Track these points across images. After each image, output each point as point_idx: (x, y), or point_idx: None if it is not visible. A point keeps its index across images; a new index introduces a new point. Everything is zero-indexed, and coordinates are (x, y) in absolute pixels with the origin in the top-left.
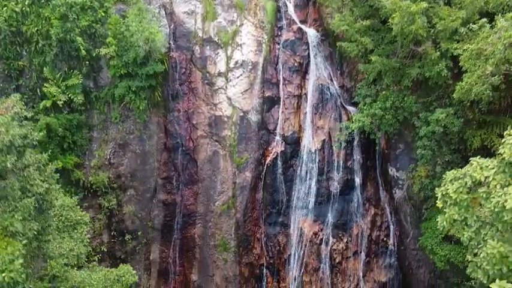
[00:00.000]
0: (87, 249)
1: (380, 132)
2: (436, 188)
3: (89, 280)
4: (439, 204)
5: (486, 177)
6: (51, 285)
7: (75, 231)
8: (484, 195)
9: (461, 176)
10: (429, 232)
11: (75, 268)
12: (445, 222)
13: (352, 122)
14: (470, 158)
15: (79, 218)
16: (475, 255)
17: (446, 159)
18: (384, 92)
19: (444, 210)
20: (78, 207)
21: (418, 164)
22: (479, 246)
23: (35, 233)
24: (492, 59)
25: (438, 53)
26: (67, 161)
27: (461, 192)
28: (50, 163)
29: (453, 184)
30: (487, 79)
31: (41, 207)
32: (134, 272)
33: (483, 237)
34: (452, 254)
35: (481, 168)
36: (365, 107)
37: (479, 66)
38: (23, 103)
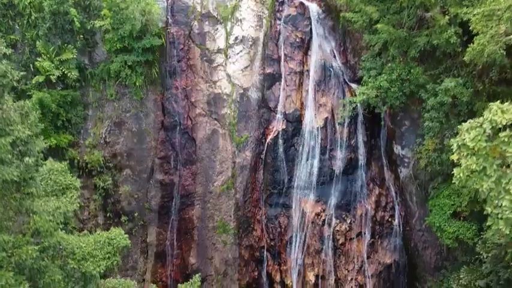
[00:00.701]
0: (75, 206)
1: (385, 106)
2: (451, 140)
3: (78, 242)
4: (454, 156)
5: (509, 120)
6: (34, 240)
7: (64, 195)
8: (506, 139)
9: (478, 124)
10: (437, 209)
11: (63, 231)
12: (461, 174)
13: (356, 96)
14: (490, 104)
15: (69, 182)
16: (495, 207)
17: (455, 131)
18: (389, 64)
19: (460, 162)
20: (70, 175)
21: (425, 138)
22: (500, 197)
23: (15, 179)
24: (507, 15)
25: (447, 18)
26: (61, 139)
27: (479, 140)
28: (35, 112)
29: (470, 133)
30: (500, 38)
31: (21, 154)
32: (126, 235)
33: (504, 187)
34: (461, 231)
35: (502, 111)
36: (370, 80)
37: (491, 26)
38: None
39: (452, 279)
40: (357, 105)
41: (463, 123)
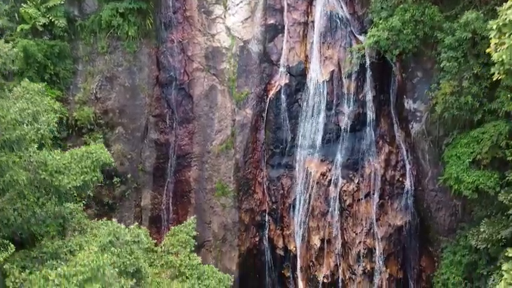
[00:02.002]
0: (52, 127)
1: (397, 49)
2: (489, 22)
3: (51, 155)
4: (494, 40)
5: None
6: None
7: (41, 116)
8: None
9: None
10: (454, 159)
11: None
12: (504, 56)
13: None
14: None
15: (46, 103)
16: None
17: (475, 72)
18: (401, 5)
19: (501, 44)
20: (49, 97)
21: (440, 83)
22: None
23: None
24: None
25: None
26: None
27: None
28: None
29: None
30: None
31: None
32: (108, 153)
33: None
34: (482, 180)
35: None
36: (380, 22)
37: None
38: None
39: (471, 235)
40: (365, 55)
41: (503, 4)
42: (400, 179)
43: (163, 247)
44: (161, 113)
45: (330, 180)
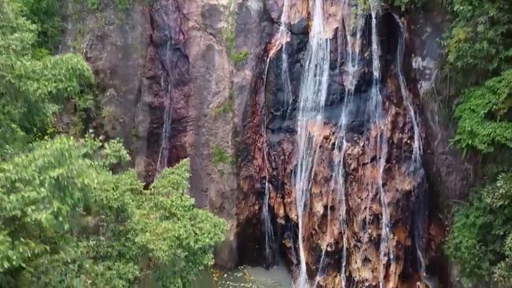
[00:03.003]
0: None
1: None
2: None
3: (21, 65)
4: None
5: None
6: None
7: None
8: None
9: None
10: (467, 113)
11: None
12: None
13: None
14: None
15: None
16: None
17: (491, 15)
18: None
19: None
20: None
21: (452, 31)
22: None
23: None
24: None
25: None
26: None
27: None
28: None
29: None
30: None
31: None
32: (85, 63)
33: None
34: (499, 131)
35: None
36: None
37: None
38: None
39: (486, 193)
40: (370, 9)
41: None
42: (408, 141)
43: (152, 189)
44: (155, 75)
45: (334, 143)
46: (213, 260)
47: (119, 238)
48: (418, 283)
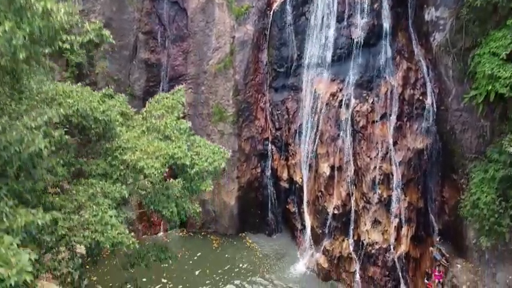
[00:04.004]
0: None
1: None
2: None
3: None
4: None
5: None
6: None
7: None
8: None
9: None
10: (487, 57)
11: None
12: None
13: None
14: None
15: None
16: None
17: None
18: None
19: None
20: None
21: None
22: None
23: None
24: None
25: None
26: None
27: None
28: None
29: None
30: None
31: None
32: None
33: None
34: None
35: None
36: None
37: None
38: None
39: (508, 142)
40: None
41: None
42: (420, 98)
43: (144, 113)
44: (152, 30)
45: (341, 101)
46: (214, 227)
47: (105, 157)
48: (431, 248)
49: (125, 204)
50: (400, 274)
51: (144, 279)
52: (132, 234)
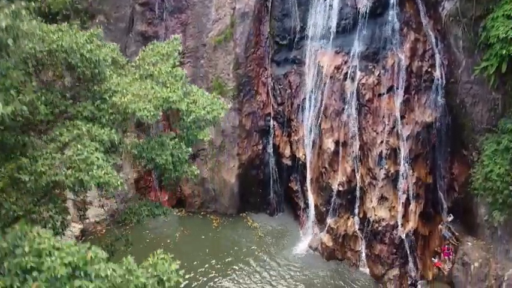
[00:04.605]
0: None
1: None
2: None
3: None
4: None
5: None
6: None
7: None
8: None
9: None
10: (500, 20)
11: None
12: None
13: None
14: None
15: None
16: None
17: None
18: None
19: None
20: None
21: None
22: None
23: None
24: None
25: None
26: None
27: None
28: None
29: None
30: None
31: None
32: None
33: None
34: None
35: None
36: None
37: None
38: None
39: None
40: None
41: None
42: (429, 70)
43: (137, 61)
44: (149, 1)
45: (346, 73)
46: (214, 206)
47: (93, 100)
48: (440, 226)
49: (114, 150)
50: (408, 252)
51: None
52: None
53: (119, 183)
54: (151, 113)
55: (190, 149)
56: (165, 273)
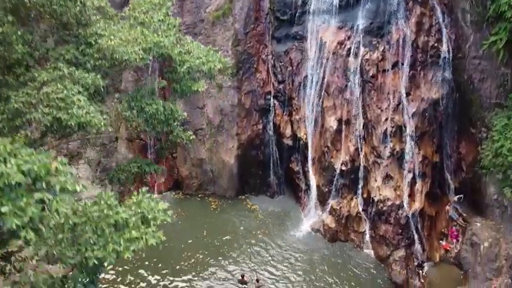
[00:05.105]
0: None
1: None
2: None
3: None
4: None
5: None
6: None
7: None
8: None
9: None
10: None
11: None
12: None
13: None
14: None
15: None
16: None
17: None
18: None
19: None
20: None
21: None
22: None
23: None
24: None
25: None
26: None
27: None
28: None
29: None
30: None
31: None
32: None
33: None
34: None
35: None
36: None
37: None
38: None
39: None
40: None
41: None
42: (435, 45)
43: (127, 11)
44: None
45: (349, 49)
46: (212, 188)
47: (77, 45)
48: (448, 207)
49: (101, 101)
50: (414, 232)
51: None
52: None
53: (102, 123)
54: (140, 56)
55: (185, 114)
56: (150, 212)
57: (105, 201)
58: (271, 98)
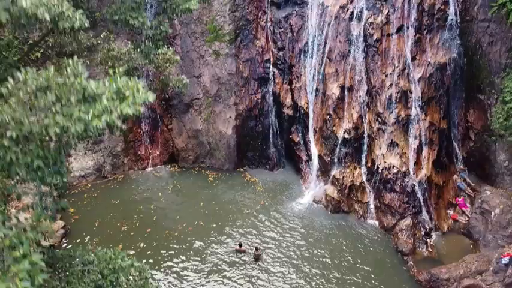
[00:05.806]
0: None
1: None
2: None
3: None
4: None
5: None
6: None
7: None
8: None
9: None
10: None
11: None
12: None
13: None
14: None
15: None
16: None
17: None
18: None
19: None
20: None
21: None
22: None
23: None
24: None
25: None
26: None
27: None
28: None
29: None
30: None
31: None
32: None
33: None
34: None
35: None
36: None
37: None
38: None
39: None
40: None
41: None
42: (442, 7)
43: None
44: None
45: (352, 13)
46: (209, 161)
47: None
48: (455, 176)
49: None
50: (422, 200)
51: (135, 216)
52: None
53: (77, 18)
54: None
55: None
56: (128, 89)
57: (72, 70)
58: (271, 66)
